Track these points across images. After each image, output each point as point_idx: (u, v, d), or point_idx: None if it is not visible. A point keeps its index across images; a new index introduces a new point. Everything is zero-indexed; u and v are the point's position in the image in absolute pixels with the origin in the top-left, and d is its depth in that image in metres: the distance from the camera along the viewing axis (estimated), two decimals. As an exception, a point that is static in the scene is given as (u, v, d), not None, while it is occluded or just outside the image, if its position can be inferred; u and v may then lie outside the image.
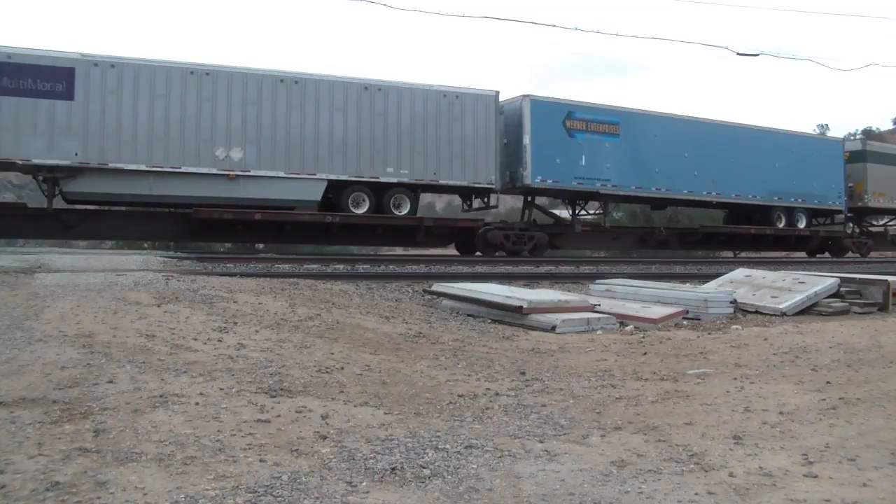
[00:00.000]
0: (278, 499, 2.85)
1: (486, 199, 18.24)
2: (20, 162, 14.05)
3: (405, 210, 16.76)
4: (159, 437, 3.48)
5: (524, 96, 17.89)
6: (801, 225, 22.72)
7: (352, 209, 16.28)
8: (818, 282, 10.18)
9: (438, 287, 10.41)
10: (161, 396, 4.15)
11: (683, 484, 3.20)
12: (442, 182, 17.08)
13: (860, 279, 10.65)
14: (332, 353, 5.95)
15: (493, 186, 17.42)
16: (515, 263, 15.42)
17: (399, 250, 25.00)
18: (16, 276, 8.88)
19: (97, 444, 3.34)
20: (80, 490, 2.83)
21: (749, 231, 21.77)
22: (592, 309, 9.03)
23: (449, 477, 3.22)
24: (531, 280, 12.62)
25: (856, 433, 3.95)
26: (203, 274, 10.34)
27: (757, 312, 9.67)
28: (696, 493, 3.08)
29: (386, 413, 4.30)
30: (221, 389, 4.43)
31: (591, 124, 18.51)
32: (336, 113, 16.02)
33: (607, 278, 12.15)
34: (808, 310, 9.67)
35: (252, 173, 15.36)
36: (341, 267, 12.90)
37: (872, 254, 24.69)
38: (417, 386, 5.16)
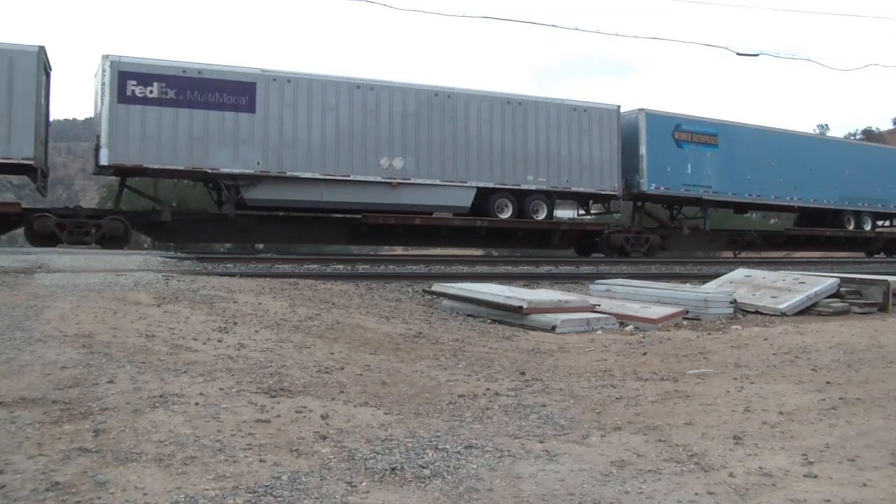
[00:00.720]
0: (278, 499, 2.85)
1: (606, 205, 19.92)
2: (209, 171, 15.21)
3: (542, 215, 18.25)
4: (159, 437, 3.48)
5: (640, 110, 19.50)
6: (867, 227, 24.62)
7: (497, 214, 17.70)
8: (818, 282, 10.18)
9: (438, 287, 10.41)
10: (161, 396, 4.15)
11: (683, 484, 3.20)
12: (573, 189, 18.58)
13: (860, 279, 10.65)
14: (332, 353, 5.95)
15: (615, 193, 19.06)
16: (515, 263, 15.47)
17: (399, 250, 25.10)
18: (16, 276, 8.87)
19: (97, 444, 3.34)
20: (80, 490, 2.83)
21: (825, 233, 23.55)
22: (592, 309, 9.03)
23: (449, 477, 3.22)
24: (531, 280, 12.63)
25: (856, 433, 3.95)
26: (203, 274, 10.34)
27: (757, 312, 9.67)
28: (696, 493, 3.08)
29: (386, 413, 4.31)
30: (221, 389, 4.43)
31: (695, 135, 20.27)
32: (483, 125, 17.32)
33: (607, 278, 12.15)
34: (808, 310, 9.67)
35: (412, 181, 16.63)
36: (341, 267, 12.91)
37: None
38: (417, 386, 5.16)
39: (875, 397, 4.70)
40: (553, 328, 8.10)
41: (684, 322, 8.93)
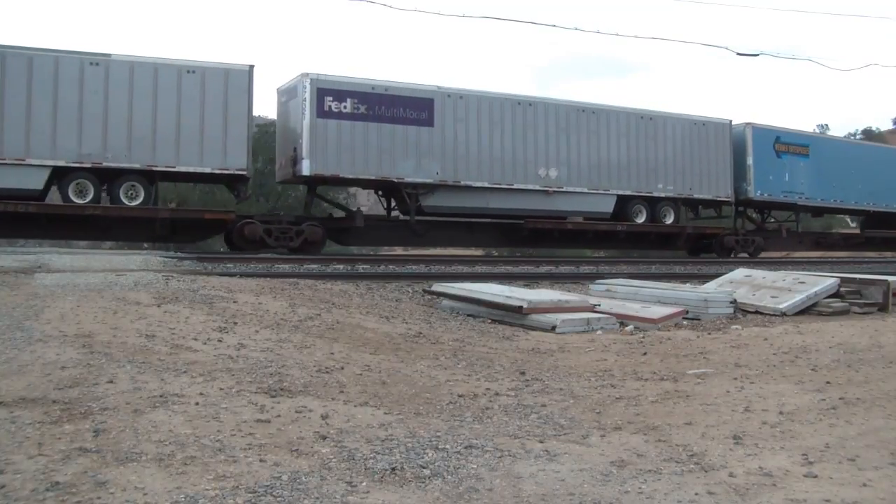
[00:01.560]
0: (278, 499, 2.85)
1: (718, 210, 21.69)
2: (396, 180, 16.54)
3: (670, 219, 20.10)
4: (159, 437, 3.48)
5: (747, 124, 21.45)
6: None
7: (633, 219, 19.44)
8: (818, 282, 10.17)
9: (438, 287, 10.41)
10: (161, 396, 4.15)
11: (683, 484, 3.20)
12: (695, 196, 20.29)
13: (860, 279, 10.64)
14: (332, 353, 5.95)
15: (729, 199, 20.87)
16: (515, 263, 15.48)
17: (399, 250, 25.20)
18: (16, 276, 8.88)
19: (97, 444, 3.34)
20: (80, 490, 2.83)
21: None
22: (592, 309, 9.03)
23: (449, 477, 3.22)
24: (531, 280, 12.62)
25: (856, 433, 3.95)
26: (203, 274, 10.34)
27: (757, 312, 9.67)
28: (696, 493, 3.08)
29: (386, 413, 4.31)
30: (221, 389, 4.43)
31: (791, 146, 22.23)
32: (622, 138, 19.04)
33: (607, 278, 12.15)
34: (808, 310, 9.66)
35: (564, 189, 18.24)
36: (341, 267, 12.90)
37: None
38: (417, 386, 5.17)
39: (875, 397, 4.70)
40: (553, 328, 8.10)
41: (684, 322, 8.93)
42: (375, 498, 2.94)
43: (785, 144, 22.05)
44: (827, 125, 75.95)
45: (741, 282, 11.09)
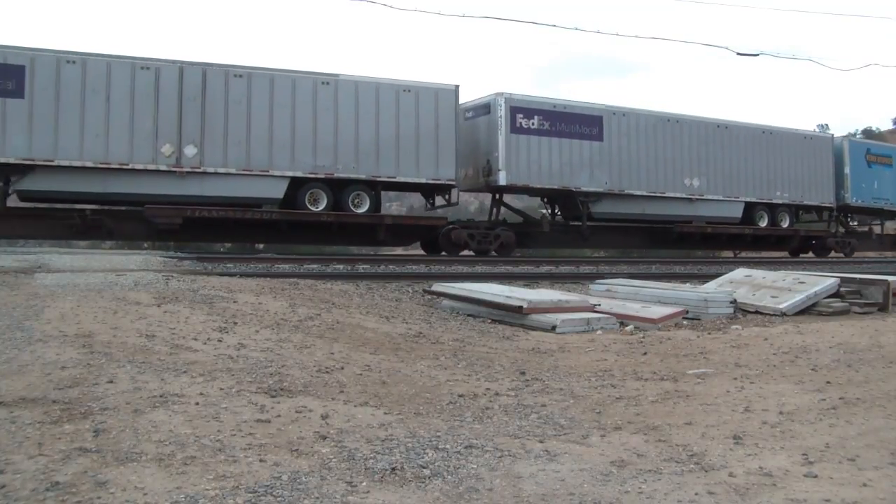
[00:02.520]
0: (278, 499, 2.85)
1: (820, 215, 24.19)
2: (574, 189, 18.68)
3: (786, 223, 22.76)
4: (159, 437, 3.48)
5: (844, 138, 24.85)
6: None
7: (758, 223, 22.04)
8: (818, 282, 10.17)
9: (438, 287, 10.41)
10: (161, 396, 4.15)
11: (683, 484, 3.20)
12: (805, 202, 22.95)
13: (860, 279, 10.64)
14: (332, 353, 5.95)
15: (832, 205, 23.65)
16: (515, 263, 15.49)
17: (399, 250, 25.32)
18: (16, 276, 8.88)
19: (97, 444, 3.34)
20: (80, 490, 2.83)
21: None
22: (592, 309, 9.03)
23: (449, 477, 3.22)
24: (531, 280, 12.62)
25: (856, 433, 3.95)
26: (203, 274, 10.34)
27: (757, 312, 9.67)
28: (696, 493, 3.08)
29: (386, 413, 4.30)
30: (221, 389, 4.43)
31: (879, 157, 25.19)
32: (748, 150, 21.52)
33: (607, 278, 12.14)
34: (808, 310, 9.66)
35: (704, 197, 20.63)
36: (341, 267, 12.90)
37: None
38: (417, 386, 5.16)
39: (875, 397, 4.70)
40: (553, 328, 8.10)
41: (684, 322, 8.93)
42: (375, 498, 2.94)
43: (874, 155, 25.16)
44: (827, 125, 75.90)
45: (741, 282, 11.09)
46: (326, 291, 9.37)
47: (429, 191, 17.93)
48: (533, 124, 17.96)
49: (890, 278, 10.29)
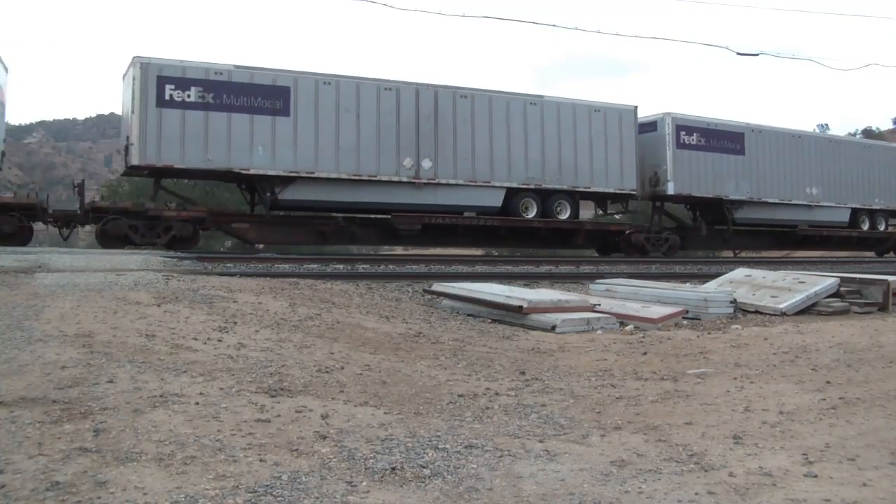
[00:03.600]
0: (278, 499, 2.85)
1: None
2: (724, 197, 21.02)
3: (882, 227, 25.17)
4: (159, 437, 3.48)
5: None
6: None
7: (861, 227, 24.37)
8: (818, 282, 10.17)
9: (438, 287, 10.40)
10: (161, 396, 4.15)
11: (683, 484, 3.20)
12: (892, 207, 25.27)
13: (860, 279, 10.64)
14: (332, 353, 5.95)
15: None
16: (515, 263, 15.50)
17: (399, 250, 25.46)
18: (16, 276, 8.87)
19: (97, 444, 3.34)
20: (80, 490, 2.83)
21: None
22: (592, 309, 9.03)
23: (449, 477, 3.22)
24: (531, 280, 12.62)
25: (856, 433, 3.95)
26: (203, 274, 10.34)
27: (757, 312, 9.66)
28: (696, 493, 3.08)
29: (386, 413, 4.30)
30: (221, 389, 4.43)
31: None
32: (854, 162, 23.98)
33: (607, 278, 12.14)
34: (808, 309, 9.66)
35: (821, 203, 23.00)
36: (341, 267, 12.90)
37: None
38: (417, 386, 5.16)
39: (875, 397, 4.70)
40: (553, 328, 8.10)
41: (684, 322, 8.93)
42: (375, 498, 2.94)
43: None
44: (827, 125, 75.97)
45: (741, 281, 11.09)
46: (326, 291, 9.37)
47: (602, 199, 20.15)
48: (693, 140, 20.52)
49: (890, 278, 10.28)
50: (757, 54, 34.87)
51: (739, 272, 11.79)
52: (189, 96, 15.17)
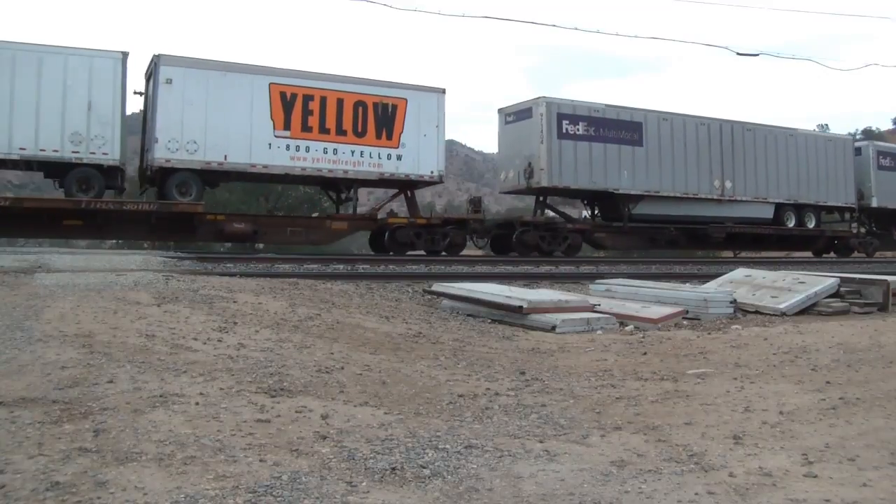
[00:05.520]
0: (278, 499, 2.85)
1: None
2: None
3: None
4: (159, 437, 3.48)
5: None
6: None
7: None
8: (818, 282, 10.17)
9: (438, 287, 10.40)
10: (161, 396, 4.15)
11: (683, 484, 3.20)
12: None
13: (860, 279, 10.64)
14: (332, 353, 5.95)
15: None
16: (515, 263, 15.49)
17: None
18: (16, 276, 8.88)
19: (97, 444, 3.34)
20: (80, 490, 2.83)
21: None
22: (592, 309, 9.02)
23: (449, 477, 3.22)
24: (531, 280, 12.62)
25: (856, 433, 3.95)
26: (203, 274, 10.34)
27: (757, 312, 9.66)
28: (696, 493, 3.08)
29: (386, 413, 4.30)
30: (221, 389, 4.43)
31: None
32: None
33: (607, 278, 12.14)
34: (808, 310, 9.66)
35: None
36: (341, 267, 12.90)
37: None
38: (417, 386, 5.16)
39: (875, 397, 4.70)
40: (553, 328, 8.10)
41: (684, 322, 8.93)
42: (375, 498, 2.94)
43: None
44: (827, 125, 75.86)
45: (741, 282, 11.09)
46: (326, 291, 9.37)
47: (831, 211, 24.62)
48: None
49: (890, 278, 10.28)
50: (757, 54, 34.96)
51: (739, 272, 11.79)
52: (578, 130, 19.47)
